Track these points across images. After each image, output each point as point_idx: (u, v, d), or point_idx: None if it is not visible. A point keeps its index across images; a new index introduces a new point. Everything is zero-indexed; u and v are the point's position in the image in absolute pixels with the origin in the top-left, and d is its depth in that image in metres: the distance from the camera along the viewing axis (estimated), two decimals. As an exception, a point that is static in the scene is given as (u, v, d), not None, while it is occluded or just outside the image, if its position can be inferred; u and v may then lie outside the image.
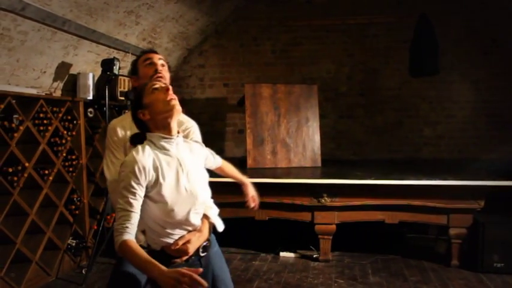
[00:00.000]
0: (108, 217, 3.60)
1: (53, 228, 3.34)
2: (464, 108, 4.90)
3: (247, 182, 1.96)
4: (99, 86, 3.69)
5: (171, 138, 1.48)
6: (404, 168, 4.11)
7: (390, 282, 3.20)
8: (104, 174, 1.76)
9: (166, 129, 1.48)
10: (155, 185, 1.42)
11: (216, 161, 1.83)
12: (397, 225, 3.57)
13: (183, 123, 1.81)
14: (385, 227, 3.66)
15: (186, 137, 1.72)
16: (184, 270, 1.25)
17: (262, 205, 3.53)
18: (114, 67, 3.56)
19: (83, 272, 3.38)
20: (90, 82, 3.59)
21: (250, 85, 4.46)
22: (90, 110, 3.81)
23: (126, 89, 3.93)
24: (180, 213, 1.45)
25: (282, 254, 3.87)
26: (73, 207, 3.59)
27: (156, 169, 1.42)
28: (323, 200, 3.51)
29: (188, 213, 1.47)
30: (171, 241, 1.49)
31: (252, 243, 4.06)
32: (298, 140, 4.41)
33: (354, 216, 3.57)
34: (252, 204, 1.95)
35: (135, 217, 1.39)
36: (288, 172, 4.01)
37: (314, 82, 4.85)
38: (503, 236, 3.28)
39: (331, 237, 3.62)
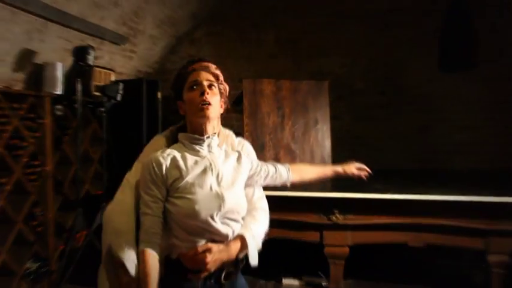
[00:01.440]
0: (78, 235, 3.54)
1: (9, 249, 3.27)
2: (506, 109, 4.82)
3: (341, 168, 2.08)
4: (70, 78, 3.68)
5: (200, 139, 1.61)
6: (432, 180, 4.08)
7: (414, 318, 3.13)
8: None
9: (198, 130, 1.62)
10: (178, 181, 1.53)
11: (283, 172, 1.87)
12: (423, 249, 3.49)
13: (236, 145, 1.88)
14: (409, 251, 3.59)
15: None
16: None
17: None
18: (89, 56, 3.55)
19: (45, 302, 3.33)
20: (59, 74, 3.59)
21: (249, 81, 4.47)
22: (58, 107, 3.78)
23: (102, 83, 3.93)
24: (203, 212, 1.49)
25: (284, 281, 3.84)
26: (35, 223, 3.55)
27: (177, 167, 1.55)
28: (334, 218, 3.45)
29: (212, 217, 1.51)
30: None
31: (249, 267, 3.99)
32: (305, 145, 4.39)
33: (371, 237, 3.51)
34: (364, 176, 2.13)
35: (156, 221, 1.50)
36: (293, 184, 3.94)
37: (325, 78, 4.83)
38: (552, 264, 3.20)
39: (343, 262, 3.55)
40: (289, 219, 3.54)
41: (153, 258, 1.45)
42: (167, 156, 1.56)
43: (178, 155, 1.57)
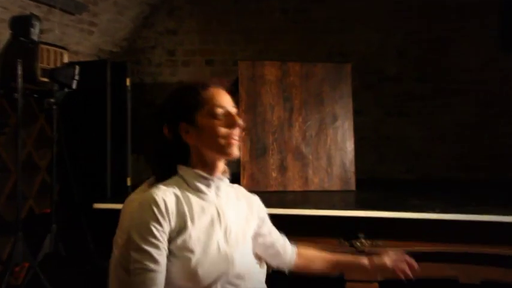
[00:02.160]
0: (18, 269, 3.53)
1: None
2: None
3: (366, 260, 2.08)
4: (6, 59, 3.67)
5: (209, 179, 1.63)
6: (491, 195, 4.03)
7: None
8: None
9: (208, 167, 1.63)
10: (180, 233, 1.51)
11: (288, 250, 2.02)
12: (479, 286, 3.40)
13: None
14: (459, 289, 3.58)
15: None
16: None
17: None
18: (32, 30, 3.50)
19: None
20: (-8, 53, 3.60)
21: (247, 63, 4.45)
22: (-9, 97, 3.80)
23: (52, 66, 3.95)
24: (206, 278, 1.50)
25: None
26: (-42, 251, 3.52)
27: (182, 214, 1.54)
28: (358, 243, 3.37)
29: (216, 283, 1.52)
30: None
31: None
32: (321, 148, 4.35)
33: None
34: (409, 273, 2.05)
35: (161, 279, 1.46)
36: (304, 199, 3.94)
37: (347, 60, 4.86)
38: None
39: (371, 303, 3.55)
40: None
41: None
42: (171, 196, 1.53)
43: (181, 197, 1.56)
